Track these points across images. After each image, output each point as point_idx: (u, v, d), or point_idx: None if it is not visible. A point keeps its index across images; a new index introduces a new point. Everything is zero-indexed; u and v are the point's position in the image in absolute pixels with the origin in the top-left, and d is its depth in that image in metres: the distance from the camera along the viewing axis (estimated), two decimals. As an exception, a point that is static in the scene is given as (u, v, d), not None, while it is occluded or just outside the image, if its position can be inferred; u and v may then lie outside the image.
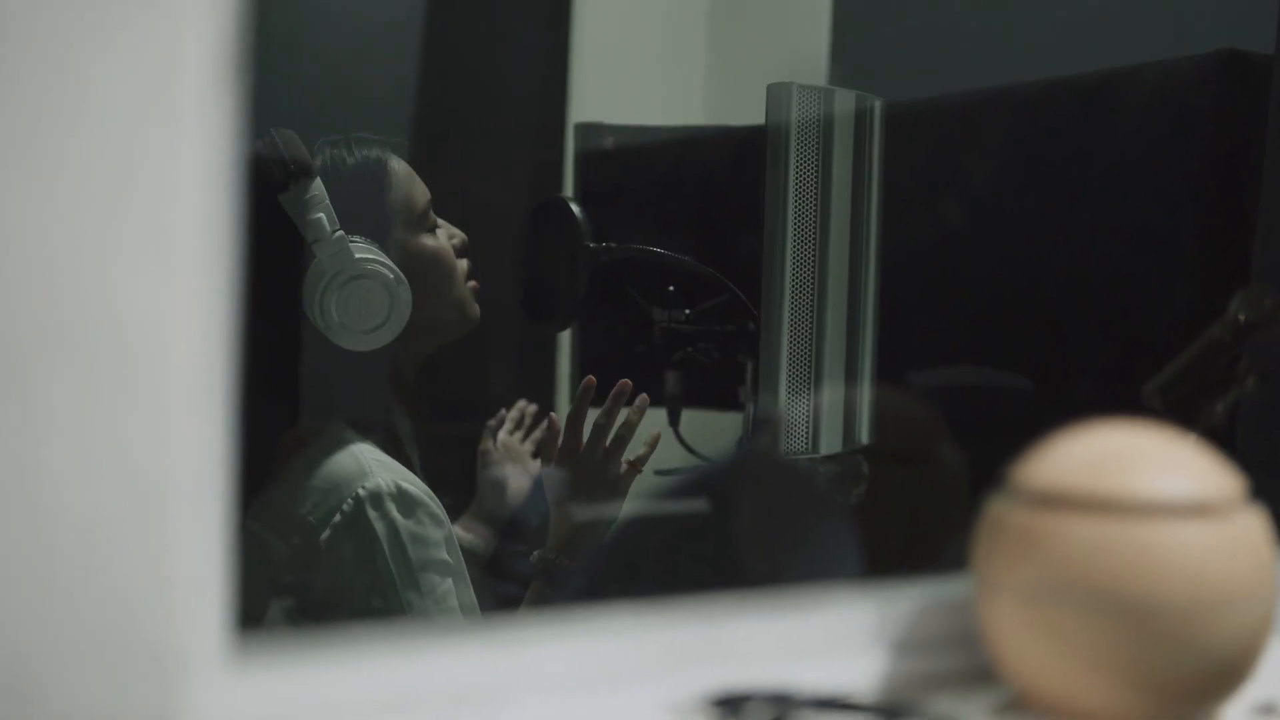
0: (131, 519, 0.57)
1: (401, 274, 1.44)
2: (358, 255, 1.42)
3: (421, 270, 1.49)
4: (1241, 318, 1.06)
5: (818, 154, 1.47)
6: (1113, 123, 1.59)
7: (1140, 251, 1.58)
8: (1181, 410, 1.05)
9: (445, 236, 1.54)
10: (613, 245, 1.55)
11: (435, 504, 1.41)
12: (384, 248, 1.46)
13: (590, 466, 1.47)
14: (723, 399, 1.60)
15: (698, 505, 1.23)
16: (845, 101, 1.51)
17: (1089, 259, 1.60)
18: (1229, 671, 0.77)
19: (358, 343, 1.42)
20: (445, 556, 1.39)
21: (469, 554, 1.61)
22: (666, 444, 1.60)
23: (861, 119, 1.51)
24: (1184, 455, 0.79)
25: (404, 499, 1.38)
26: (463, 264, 1.54)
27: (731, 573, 1.10)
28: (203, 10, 0.56)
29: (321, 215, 1.41)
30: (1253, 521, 0.78)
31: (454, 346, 1.58)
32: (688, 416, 1.63)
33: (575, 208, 1.56)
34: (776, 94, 1.47)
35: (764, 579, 1.09)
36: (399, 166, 1.53)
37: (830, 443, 1.48)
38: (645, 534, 1.22)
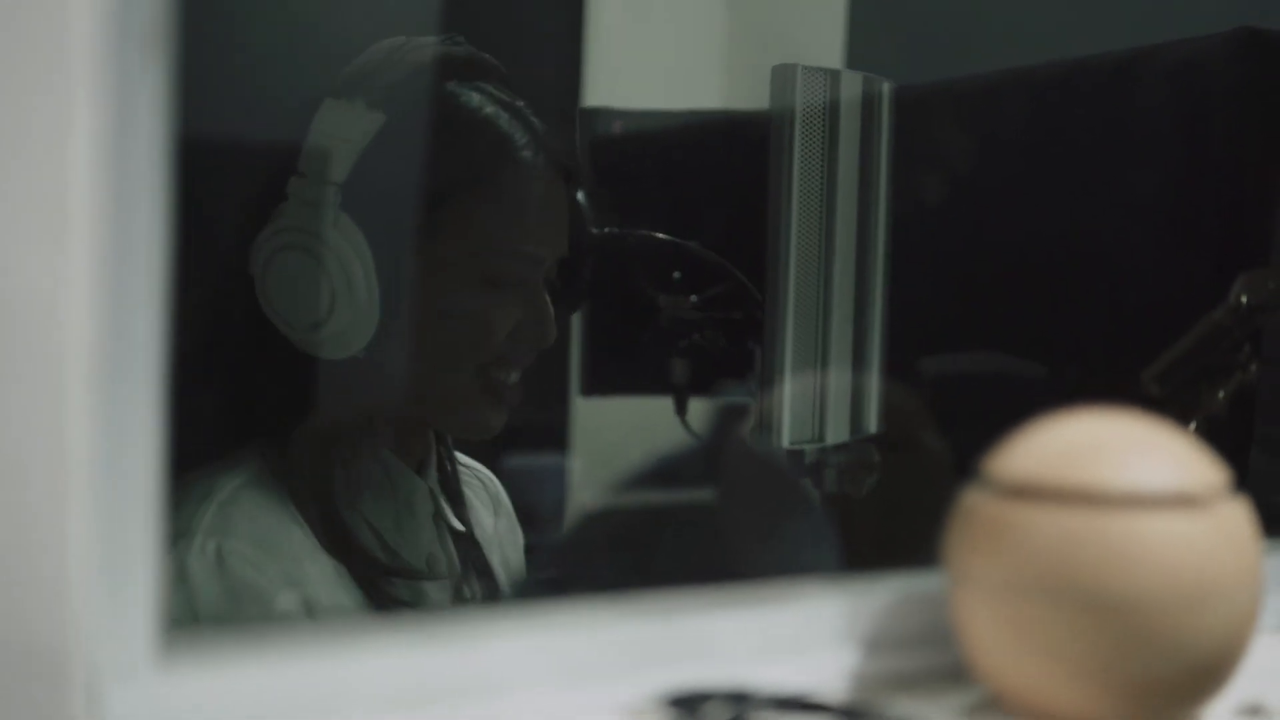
0: (25, 513, 0.55)
1: (370, 282, 1.02)
2: (326, 222, 1.00)
3: (434, 320, 1.09)
4: (1244, 300, 1.02)
5: (823, 138, 1.45)
6: (1129, 104, 1.55)
7: (1159, 235, 1.55)
8: (1182, 396, 1.02)
9: (509, 303, 1.09)
10: (614, 231, 1.52)
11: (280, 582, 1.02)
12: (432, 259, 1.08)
13: None
14: (731, 387, 1.58)
15: (659, 494, 1.20)
16: (853, 84, 1.48)
17: (1107, 243, 1.57)
18: (1210, 670, 0.74)
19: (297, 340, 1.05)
20: None
21: None
22: (674, 432, 1.58)
23: (869, 102, 1.48)
24: (1162, 444, 0.76)
25: (220, 566, 0.99)
26: (501, 358, 1.10)
27: (698, 562, 1.07)
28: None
29: (335, 148, 1.01)
30: (1236, 512, 0.75)
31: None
32: (697, 405, 1.60)
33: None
34: (781, 76, 1.44)
35: (732, 569, 1.06)
36: (529, 166, 1.08)
37: (837, 432, 1.45)
38: (607, 524, 1.18)
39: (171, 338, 0.57)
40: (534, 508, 1.87)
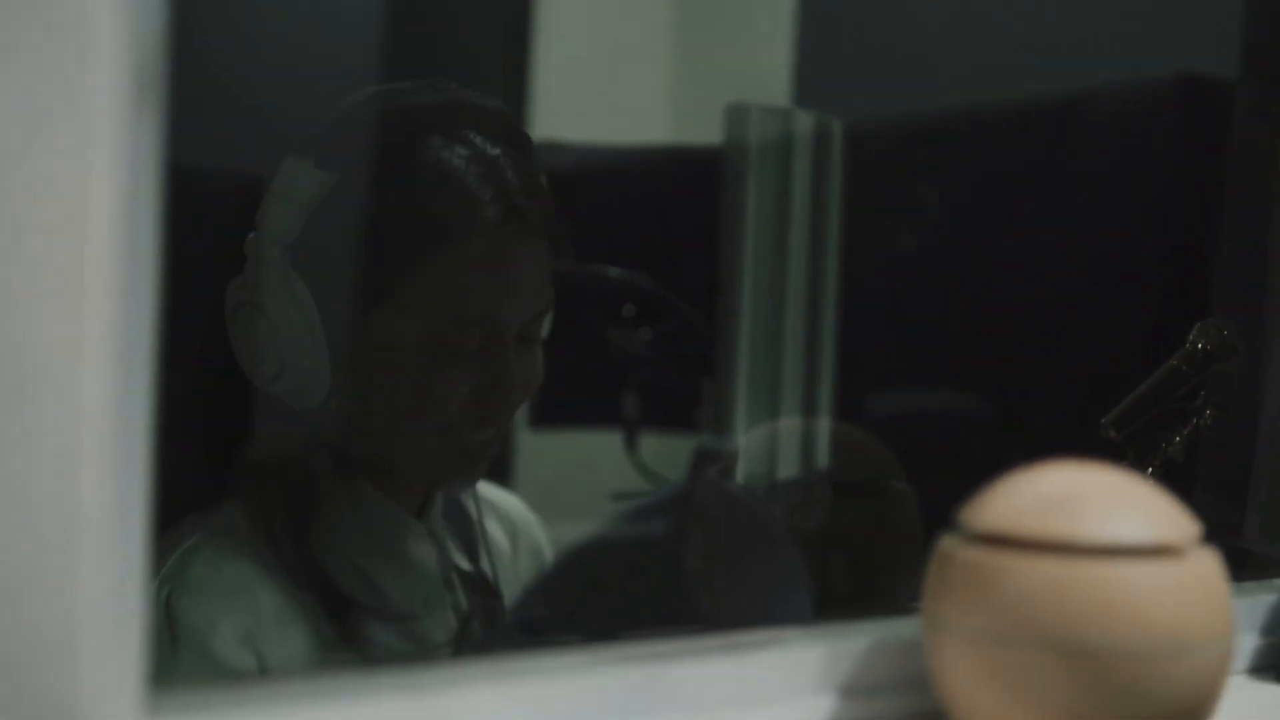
0: (35, 564, 0.54)
1: (317, 343, 1.00)
2: (275, 281, 1.00)
3: (388, 386, 1.04)
4: (1200, 346, 1.04)
5: (776, 175, 1.46)
6: (1072, 146, 1.57)
7: (1101, 277, 1.57)
8: (1139, 442, 1.03)
9: (465, 371, 1.01)
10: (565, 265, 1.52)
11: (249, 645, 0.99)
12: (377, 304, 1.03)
13: None
14: (681, 422, 1.58)
15: (642, 536, 1.19)
16: (804, 123, 1.49)
17: (1051, 285, 1.59)
18: (1186, 716, 0.75)
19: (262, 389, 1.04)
20: None
21: None
22: (624, 469, 1.58)
23: (821, 140, 1.50)
24: (1137, 496, 0.77)
25: (168, 613, 0.98)
26: (466, 422, 1.03)
27: (679, 608, 1.07)
28: (114, 34, 0.54)
29: (282, 209, 1.00)
30: (1208, 561, 0.76)
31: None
32: (646, 440, 1.61)
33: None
34: (735, 115, 1.46)
35: (712, 615, 1.06)
36: (493, 226, 1.01)
37: (788, 467, 1.46)
38: (589, 566, 1.17)
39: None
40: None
